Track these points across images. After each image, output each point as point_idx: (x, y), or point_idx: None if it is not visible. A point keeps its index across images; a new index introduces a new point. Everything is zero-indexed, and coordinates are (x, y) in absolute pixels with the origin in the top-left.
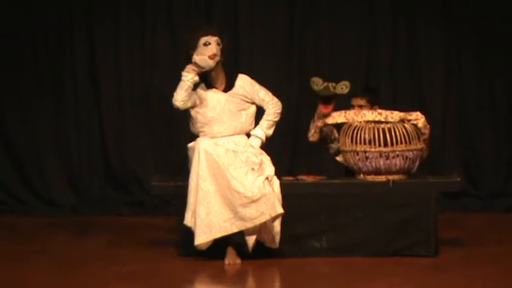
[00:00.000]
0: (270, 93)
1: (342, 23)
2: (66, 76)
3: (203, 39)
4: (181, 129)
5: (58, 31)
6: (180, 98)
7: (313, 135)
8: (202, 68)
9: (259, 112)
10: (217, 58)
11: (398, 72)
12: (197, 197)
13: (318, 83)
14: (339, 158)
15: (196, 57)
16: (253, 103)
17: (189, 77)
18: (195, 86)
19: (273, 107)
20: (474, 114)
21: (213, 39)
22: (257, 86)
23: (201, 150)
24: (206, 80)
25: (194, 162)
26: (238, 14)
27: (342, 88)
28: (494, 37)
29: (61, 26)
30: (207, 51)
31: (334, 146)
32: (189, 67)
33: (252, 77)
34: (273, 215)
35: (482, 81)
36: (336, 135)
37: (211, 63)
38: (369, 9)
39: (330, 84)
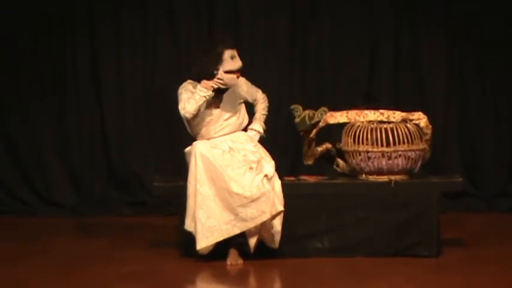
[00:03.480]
0: (257, 88)
1: (343, 23)
2: (68, 76)
3: (228, 53)
4: (182, 130)
5: (60, 31)
6: (192, 110)
7: (308, 158)
8: (226, 84)
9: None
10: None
11: (400, 73)
12: (196, 201)
13: (297, 110)
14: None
15: (224, 75)
16: (243, 99)
17: (208, 93)
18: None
19: (264, 101)
20: (476, 115)
21: (236, 53)
22: (249, 83)
23: (197, 155)
24: None
25: (191, 166)
26: (239, 15)
27: (321, 114)
28: (496, 38)
29: (63, 26)
30: (235, 64)
31: (340, 166)
32: (208, 83)
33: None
34: (274, 213)
35: (484, 81)
36: (333, 149)
37: (237, 81)
38: (370, 10)
39: (306, 116)
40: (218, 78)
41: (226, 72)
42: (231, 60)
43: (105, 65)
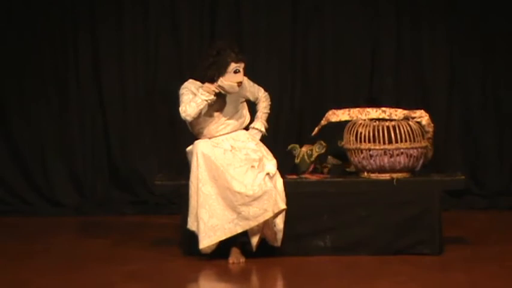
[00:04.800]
0: (260, 87)
1: (345, 22)
2: (70, 76)
3: (233, 66)
4: (184, 128)
5: (62, 32)
6: (193, 114)
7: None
8: (226, 91)
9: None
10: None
11: (402, 71)
12: (198, 200)
13: (295, 149)
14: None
15: (224, 82)
16: (245, 98)
17: (210, 97)
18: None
19: (266, 99)
20: (478, 113)
21: (241, 67)
22: (251, 82)
23: (199, 154)
24: None
25: (193, 166)
26: (241, 14)
27: (318, 148)
28: (498, 35)
29: (64, 27)
30: (236, 78)
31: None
32: (210, 87)
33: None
34: (276, 211)
35: (486, 79)
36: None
37: (237, 89)
38: (372, 9)
39: (305, 155)
40: (219, 85)
41: None
42: (233, 74)
43: (107, 64)
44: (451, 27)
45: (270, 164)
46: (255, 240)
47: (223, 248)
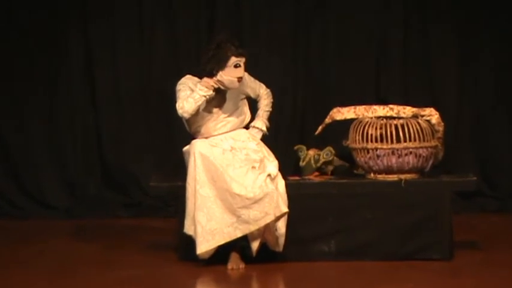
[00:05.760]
0: (261, 83)
1: (350, 16)
2: (62, 76)
3: (234, 60)
4: (181, 127)
5: (53, 29)
6: (191, 110)
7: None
8: (226, 87)
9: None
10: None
11: (410, 68)
12: (196, 203)
13: (301, 150)
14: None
15: (224, 77)
16: (245, 95)
17: (208, 92)
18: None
19: (267, 97)
20: (490, 113)
21: (242, 61)
22: (252, 78)
23: (197, 154)
24: None
25: (190, 167)
26: (240, 8)
27: (326, 155)
28: (509, 32)
29: (56, 24)
30: (237, 73)
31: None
32: (209, 82)
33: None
34: (278, 214)
35: (497, 77)
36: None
37: (237, 85)
38: (379, 3)
39: (312, 159)
40: (218, 80)
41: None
42: (233, 69)
43: (100, 62)
44: (460, 24)
45: (272, 165)
46: (255, 244)
47: (222, 253)
